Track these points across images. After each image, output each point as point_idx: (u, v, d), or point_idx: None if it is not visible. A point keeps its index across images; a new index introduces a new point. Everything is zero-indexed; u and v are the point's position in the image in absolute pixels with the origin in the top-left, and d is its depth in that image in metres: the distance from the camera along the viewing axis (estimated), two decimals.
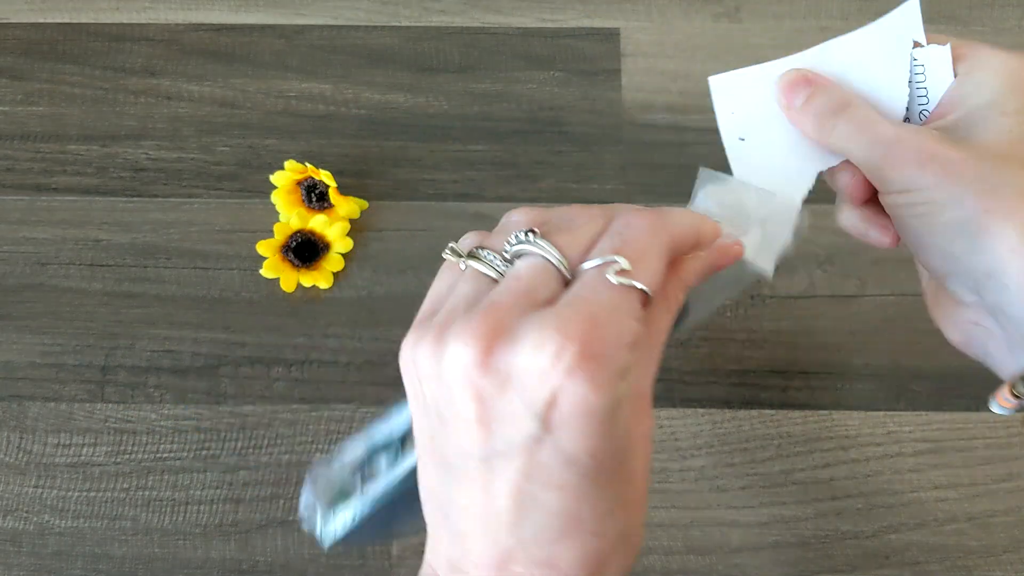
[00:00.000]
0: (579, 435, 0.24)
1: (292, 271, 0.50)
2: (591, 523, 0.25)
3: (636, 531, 0.27)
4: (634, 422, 0.26)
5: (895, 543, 0.45)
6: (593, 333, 0.24)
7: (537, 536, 0.25)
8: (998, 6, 0.58)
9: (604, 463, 0.25)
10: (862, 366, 0.49)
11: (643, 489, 0.27)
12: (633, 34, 0.57)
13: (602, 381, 0.24)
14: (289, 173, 0.51)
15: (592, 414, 0.24)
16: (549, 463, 0.25)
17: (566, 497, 0.25)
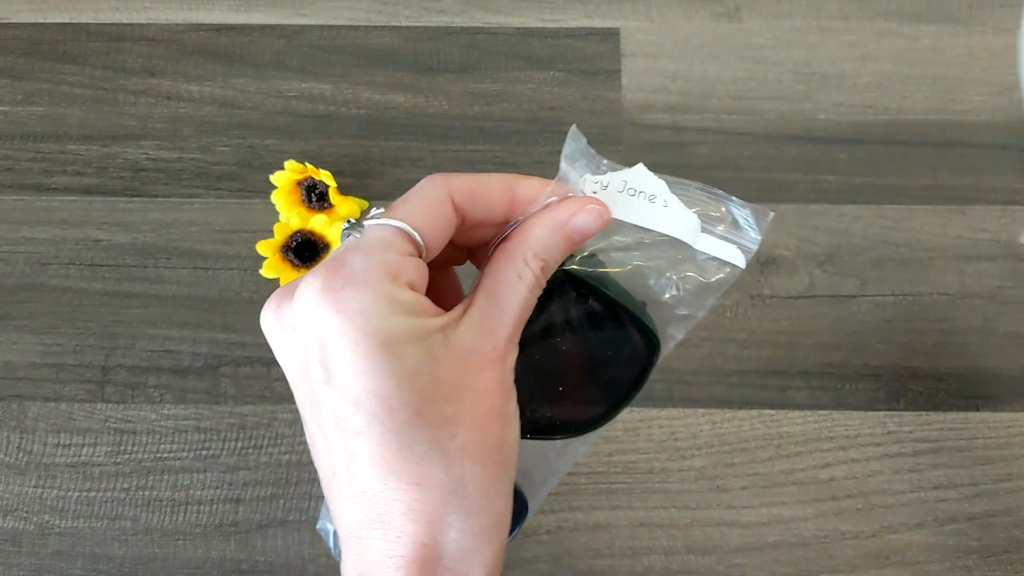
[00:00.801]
0: (353, 373, 0.25)
1: (292, 271, 0.50)
2: (404, 471, 0.25)
3: (475, 486, 0.26)
4: (449, 364, 0.26)
5: (895, 543, 0.45)
6: (338, 270, 0.26)
7: (364, 491, 0.26)
8: (998, 6, 0.58)
9: (396, 404, 0.25)
10: (862, 366, 0.49)
11: (478, 439, 0.26)
12: (633, 34, 0.57)
13: (352, 312, 0.25)
14: (289, 173, 0.51)
15: (357, 346, 0.25)
16: (341, 408, 0.26)
17: (365, 442, 0.25)
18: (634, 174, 0.31)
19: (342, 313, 0.25)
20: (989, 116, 0.54)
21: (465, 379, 0.26)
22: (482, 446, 0.27)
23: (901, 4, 0.58)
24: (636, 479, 0.46)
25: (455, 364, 0.26)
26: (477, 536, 0.26)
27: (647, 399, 0.48)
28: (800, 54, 0.57)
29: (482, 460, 0.27)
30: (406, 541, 0.26)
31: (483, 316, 0.27)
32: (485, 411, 0.27)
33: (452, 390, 0.26)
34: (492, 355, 0.27)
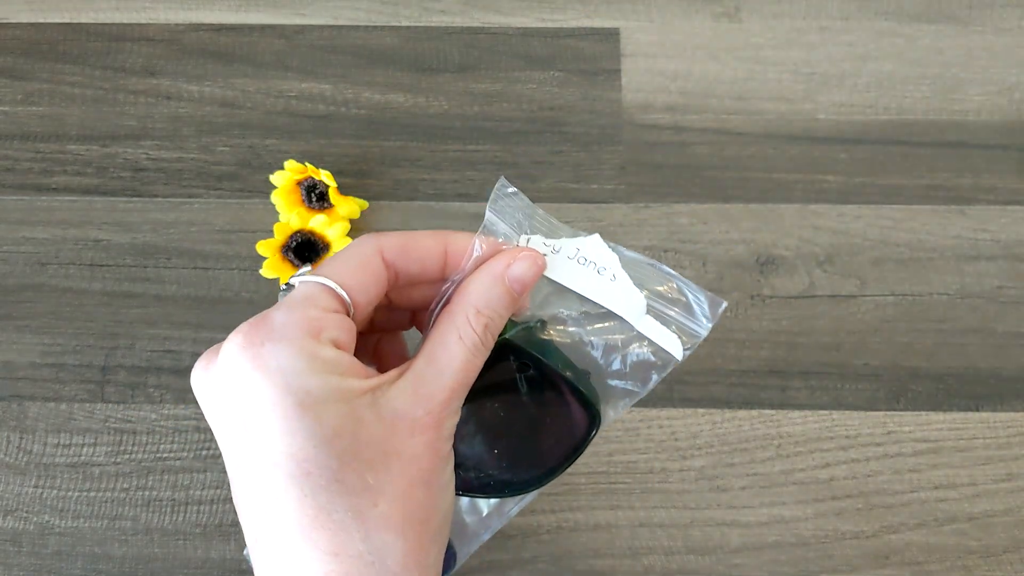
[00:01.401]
0: (271, 433, 0.24)
1: (292, 271, 0.50)
2: (322, 539, 0.24)
3: (395, 560, 0.25)
4: (374, 428, 0.25)
5: (895, 543, 0.45)
6: (260, 326, 0.25)
7: (283, 558, 0.25)
8: (998, 6, 0.58)
9: (313, 468, 0.24)
10: (862, 366, 0.49)
11: (401, 509, 0.25)
12: (633, 34, 0.57)
13: (270, 368, 0.24)
14: (289, 173, 0.51)
15: (275, 407, 0.24)
16: (260, 470, 0.25)
17: (283, 505, 0.24)
18: (588, 243, 0.30)
19: (260, 370, 0.24)
20: (989, 116, 0.54)
21: (392, 444, 0.25)
22: (405, 517, 0.25)
23: (901, 4, 0.58)
24: (636, 479, 0.46)
25: (382, 428, 0.25)
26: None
27: (647, 399, 0.48)
28: (800, 54, 0.57)
29: (404, 532, 0.25)
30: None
31: (419, 379, 0.26)
32: (411, 479, 0.25)
33: (376, 455, 0.25)
34: (425, 420, 0.26)
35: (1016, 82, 0.56)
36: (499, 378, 0.30)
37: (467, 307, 0.27)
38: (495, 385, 0.30)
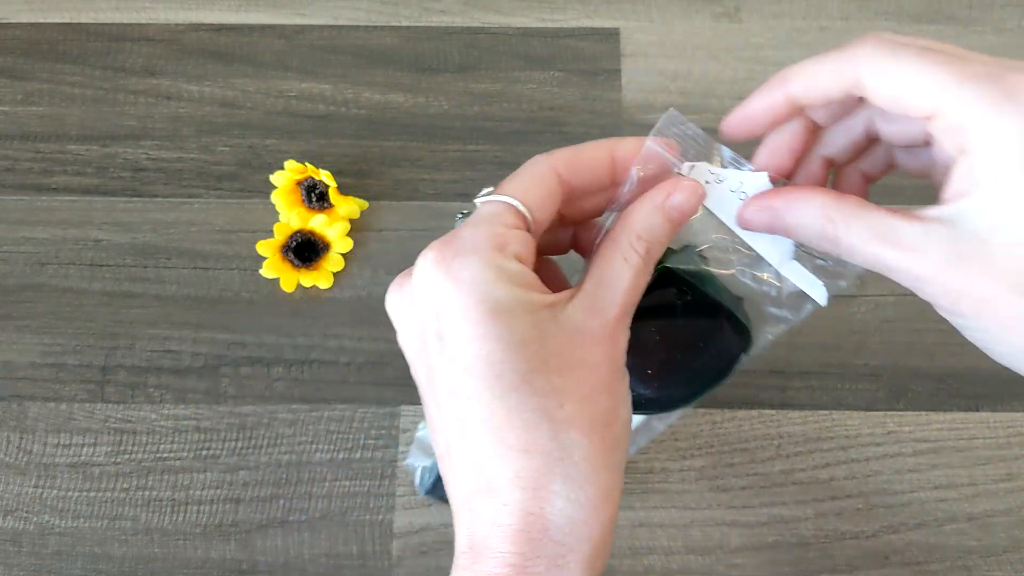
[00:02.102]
0: (464, 339, 0.26)
1: (292, 271, 0.50)
2: (511, 437, 0.26)
3: (582, 456, 0.26)
4: (558, 338, 0.26)
5: (895, 543, 0.45)
6: (450, 242, 0.27)
7: (475, 459, 0.26)
8: (998, 6, 0.58)
9: (504, 369, 0.26)
10: (862, 366, 0.49)
11: (587, 411, 0.26)
12: (633, 34, 0.57)
13: (465, 282, 0.26)
14: (289, 173, 0.51)
15: (468, 313, 0.26)
16: (453, 375, 0.26)
17: (475, 408, 0.26)
18: (752, 179, 0.30)
19: (452, 280, 0.26)
20: None
21: (574, 354, 0.27)
22: (591, 418, 0.26)
23: (901, 4, 0.58)
24: (636, 479, 0.46)
25: (564, 339, 0.27)
26: (584, 508, 0.26)
27: None
28: (800, 54, 0.56)
29: (589, 432, 0.26)
30: (513, 509, 0.26)
31: (592, 298, 0.28)
32: (593, 385, 0.27)
33: (561, 363, 0.26)
34: (601, 332, 0.27)
35: None
36: (655, 302, 0.31)
37: (629, 233, 0.29)
38: (651, 308, 0.31)
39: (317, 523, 0.46)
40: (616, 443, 0.27)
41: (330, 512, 0.46)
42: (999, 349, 0.27)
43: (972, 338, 0.27)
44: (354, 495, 0.46)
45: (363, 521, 0.46)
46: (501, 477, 0.26)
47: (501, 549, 0.26)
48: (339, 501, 0.46)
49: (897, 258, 0.26)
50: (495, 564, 0.26)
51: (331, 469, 0.47)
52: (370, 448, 0.47)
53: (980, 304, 0.25)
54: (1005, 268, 0.25)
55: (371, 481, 0.46)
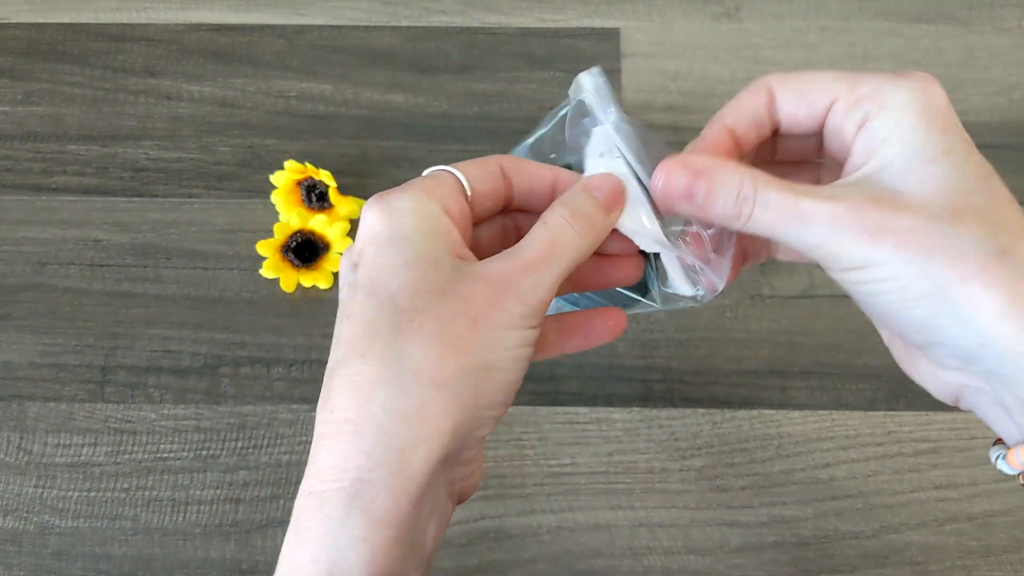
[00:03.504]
0: (365, 262, 0.28)
1: (292, 271, 0.50)
2: (359, 343, 0.27)
3: (411, 364, 0.27)
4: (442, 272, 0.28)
5: (895, 543, 0.45)
6: (389, 191, 0.29)
7: (329, 371, 0.28)
8: (998, 6, 0.58)
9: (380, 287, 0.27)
10: (862, 366, 0.49)
11: (435, 327, 0.27)
12: (633, 34, 0.57)
13: (381, 210, 0.28)
14: (289, 173, 0.51)
15: (373, 238, 0.28)
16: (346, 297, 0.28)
17: (346, 322, 0.28)
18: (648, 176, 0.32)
19: (373, 211, 0.29)
20: (989, 116, 0.54)
21: (453, 286, 0.28)
22: (437, 335, 0.27)
23: (901, 4, 0.58)
24: (636, 479, 0.46)
25: (454, 276, 0.28)
26: (395, 418, 0.26)
27: (647, 399, 0.48)
28: (800, 54, 0.57)
29: (427, 346, 0.27)
30: (336, 416, 0.27)
31: (501, 256, 0.29)
32: (457, 311, 0.27)
33: (435, 290, 0.27)
34: (493, 276, 0.28)
35: (1016, 82, 0.56)
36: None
37: (552, 206, 0.30)
38: None
39: None
40: (465, 373, 0.27)
41: None
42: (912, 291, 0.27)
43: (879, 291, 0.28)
44: None
45: None
46: (336, 384, 0.27)
47: (317, 463, 0.27)
48: None
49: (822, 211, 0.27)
50: (308, 482, 0.27)
51: None
52: None
53: (902, 237, 0.26)
54: (925, 202, 0.27)
55: None
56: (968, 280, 0.26)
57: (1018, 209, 0.27)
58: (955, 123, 0.28)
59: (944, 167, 0.27)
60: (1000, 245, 0.26)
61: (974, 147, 0.28)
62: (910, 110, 0.27)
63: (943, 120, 0.28)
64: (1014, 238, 0.26)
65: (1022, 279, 0.26)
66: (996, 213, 0.27)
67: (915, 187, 0.27)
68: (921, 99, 0.28)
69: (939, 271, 0.26)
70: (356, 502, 0.26)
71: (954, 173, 0.27)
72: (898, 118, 0.28)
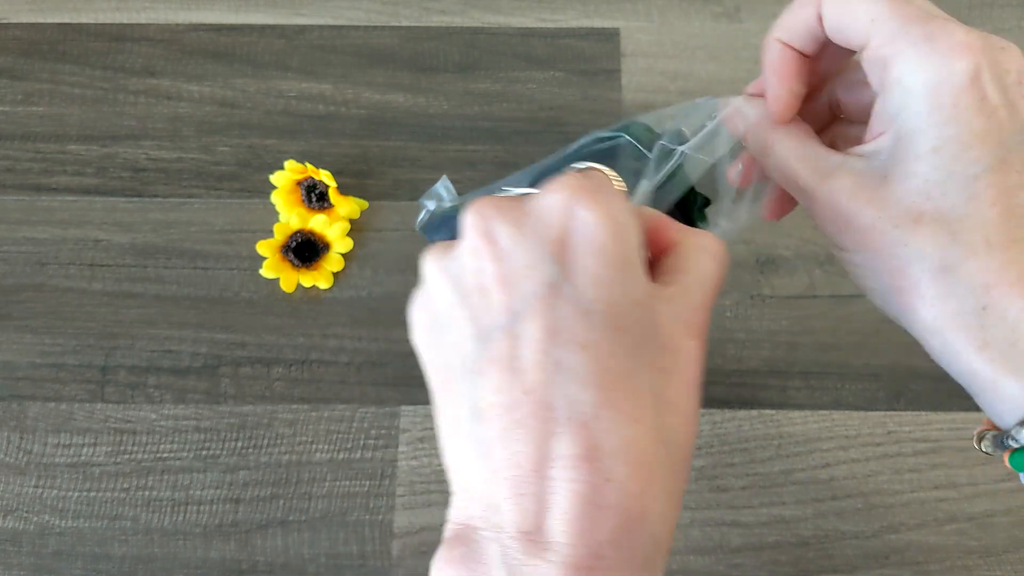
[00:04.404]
0: (593, 277, 0.23)
1: (292, 271, 0.50)
2: (625, 403, 0.22)
3: (677, 447, 0.23)
4: (664, 318, 0.24)
5: (895, 543, 0.45)
6: (596, 180, 0.25)
7: (570, 416, 0.22)
8: (998, 6, 0.58)
9: (625, 322, 0.23)
10: (862, 366, 0.49)
11: (685, 402, 0.24)
12: (633, 34, 0.57)
13: (609, 216, 0.23)
14: (289, 173, 0.51)
15: (603, 252, 0.23)
16: (568, 315, 0.22)
17: (591, 357, 0.22)
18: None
19: (597, 210, 0.23)
20: None
21: (676, 340, 0.24)
22: (688, 408, 0.24)
23: None
24: None
25: (667, 321, 0.24)
26: (672, 501, 0.23)
27: None
28: None
29: (687, 424, 0.24)
30: (616, 487, 0.21)
31: (688, 289, 0.26)
32: (688, 381, 0.25)
33: (666, 345, 0.24)
34: (696, 324, 0.25)
35: None
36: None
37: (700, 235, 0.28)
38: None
39: (317, 523, 0.46)
40: (692, 447, 0.25)
41: (330, 512, 0.46)
42: (870, 284, 0.28)
43: (852, 273, 0.29)
44: (354, 495, 0.46)
45: (363, 521, 0.46)
46: (607, 444, 0.21)
47: (595, 536, 0.21)
48: (339, 501, 0.46)
49: (808, 181, 0.29)
50: (580, 555, 0.21)
51: (331, 469, 0.47)
52: (370, 448, 0.47)
53: (861, 234, 0.27)
54: (892, 201, 0.26)
55: (371, 481, 0.46)
56: (903, 292, 0.27)
57: (1000, 213, 0.25)
58: (968, 106, 0.25)
59: (927, 166, 0.26)
60: (945, 261, 0.26)
61: (978, 137, 0.26)
62: (919, 94, 0.26)
63: (952, 106, 0.26)
64: (967, 252, 0.25)
65: (953, 298, 0.26)
66: (965, 220, 0.25)
67: (897, 180, 0.27)
68: (936, 80, 0.26)
69: (884, 276, 0.27)
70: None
71: (934, 174, 0.26)
72: (905, 100, 0.26)
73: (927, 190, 0.26)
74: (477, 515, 0.23)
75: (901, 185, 0.26)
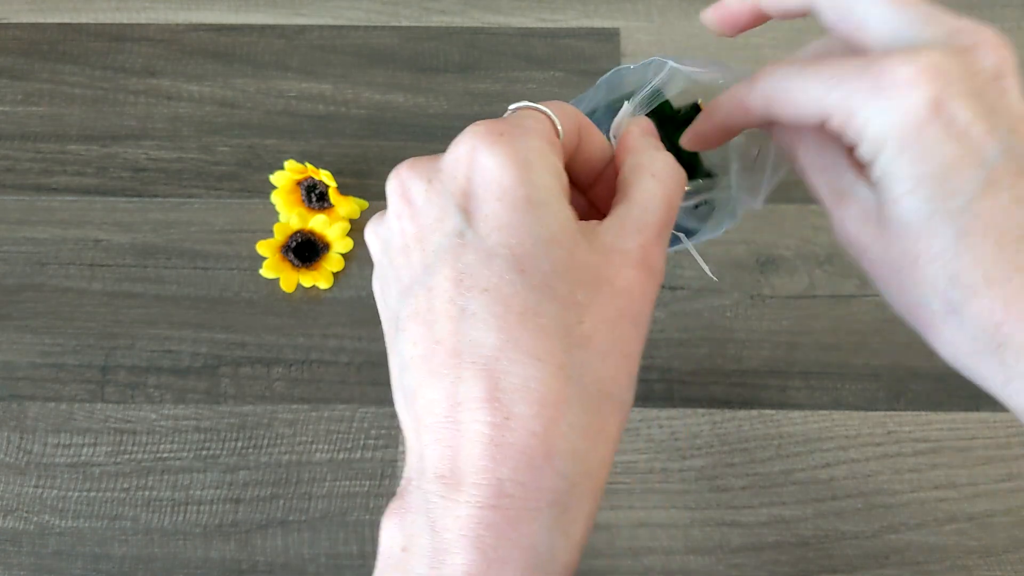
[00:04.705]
0: (495, 223, 0.23)
1: (292, 271, 0.50)
2: (526, 340, 0.23)
3: (593, 379, 0.23)
4: (588, 252, 0.24)
5: (895, 543, 0.45)
6: (499, 124, 0.25)
7: (473, 360, 0.23)
8: (998, 6, 0.58)
9: (530, 266, 0.23)
10: (862, 366, 0.49)
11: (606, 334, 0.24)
12: (633, 34, 0.57)
13: (510, 158, 0.24)
14: (289, 173, 0.51)
15: (505, 195, 0.24)
16: (473, 262, 0.23)
17: (492, 301, 0.23)
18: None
19: (498, 154, 0.24)
20: None
21: (604, 271, 0.24)
22: (610, 344, 0.24)
23: None
24: (636, 479, 0.46)
25: (595, 255, 0.24)
26: (587, 438, 0.23)
27: (647, 399, 0.48)
28: None
29: (604, 357, 0.23)
30: (516, 426, 0.22)
31: (625, 217, 0.25)
32: (620, 310, 0.24)
33: (588, 277, 0.24)
34: (637, 253, 0.25)
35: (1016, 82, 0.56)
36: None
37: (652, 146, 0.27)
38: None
39: (317, 523, 0.46)
40: (630, 382, 0.24)
41: (330, 512, 0.46)
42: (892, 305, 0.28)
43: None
44: (354, 495, 0.46)
45: (363, 521, 0.46)
46: (506, 385, 0.22)
47: (497, 475, 0.22)
48: (339, 501, 0.46)
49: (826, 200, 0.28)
50: (486, 494, 0.22)
51: (331, 469, 0.47)
52: (370, 448, 0.47)
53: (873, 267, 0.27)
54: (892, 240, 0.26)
55: (371, 481, 0.46)
56: (921, 325, 0.27)
57: (995, 243, 0.24)
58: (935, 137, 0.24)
59: (907, 209, 0.25)
60: (950, 304, 0.25)
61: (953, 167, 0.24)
62: (884, 140, 0.25)
63: (917, 142, 0.24)
64: (969, 293, 0.25)
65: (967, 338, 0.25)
66: (959, 259, 0.24)
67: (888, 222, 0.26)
68: (896, 121, 0.25)
69: (902, 308, 0.27)
70: (558, 526, 0.23)
71: (916, 216, 0.25)
72: (875, 148, 0.25)
73: (916, 233, 0.25)
74: (413, 465, 0.24)
75: (892, 228, 0.26)
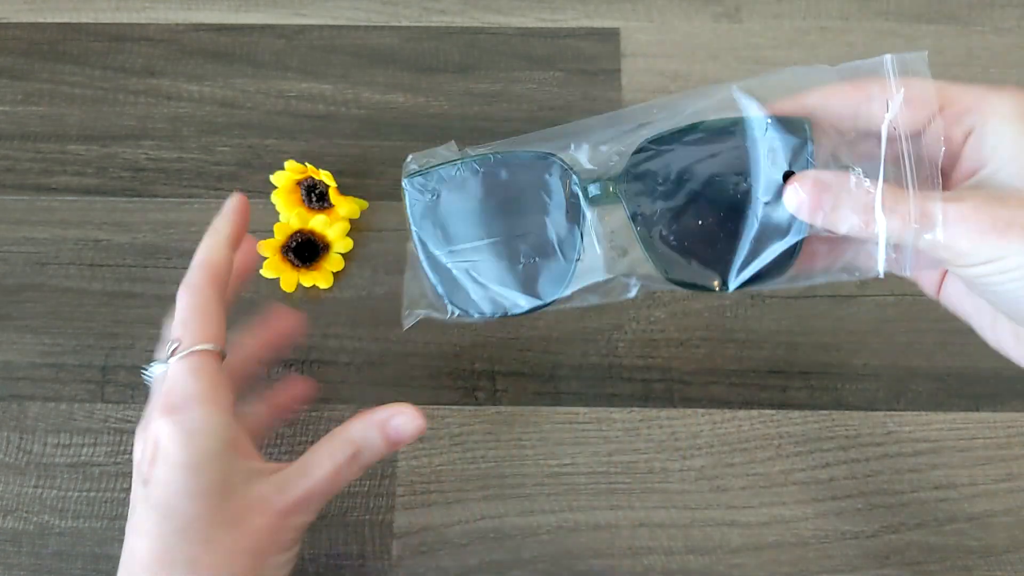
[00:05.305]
0: (159, 483, 0.32)
1: (292, 271, 0.50)
2: (162, 572, 0.31)
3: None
4: (237, 500, 0.32)
5: (895, 543, 0.45)
6: (171, 399, 0.33)
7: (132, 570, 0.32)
8: (998, 6, 0.58)
9: (175, 513, 0.31)
10: (862, 366, 0.49)
11: (221, 562, 0.31)
12: (633, 34, 0.57)
13: (177, 431, 0.32)
14: (289, 173, 0.51)
15: (167, 460, 0.32)
16: (142, 511, 0.32)
17: (145, 543, 0.32)
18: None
19: (167, 430, 0.32)
20: None
21: (243, 517, 0.32)
22: (227, 567, 0.31)
23: (901, 4, 0.58)
24: (636, 479, 0.46)
25: (243, 502, 0.32)
26: None
27: (647, 399, 0.48)
28: (800, 54, 0.57)
29: (257, 553, 0.32)
30: None
31: (287, 478, 0.33)
32: (244, 546, 0.32)
33: (226, 520, 0.32)
34: (277, 507, 0.33)
35: (1016, 82, 0.56)
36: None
37: (345, 434, 0.35)
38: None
39: (317, 523, 0.46)
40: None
41: (330, 512, 0.46)
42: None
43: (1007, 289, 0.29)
44: (354, 495, 0.46)
45: (363, 521, 0.46)
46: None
47: None
48: (339, 501, 0.46)
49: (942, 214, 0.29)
50: None
51: None
52: None
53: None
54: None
55: (371, 481, 0.46)
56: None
57: None
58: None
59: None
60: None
61: None
62: (1015, 119, 0.30)
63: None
64: None
65: None
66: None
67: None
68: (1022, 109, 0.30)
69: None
70: None
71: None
72: (1005, 127, 0.30)
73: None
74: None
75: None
